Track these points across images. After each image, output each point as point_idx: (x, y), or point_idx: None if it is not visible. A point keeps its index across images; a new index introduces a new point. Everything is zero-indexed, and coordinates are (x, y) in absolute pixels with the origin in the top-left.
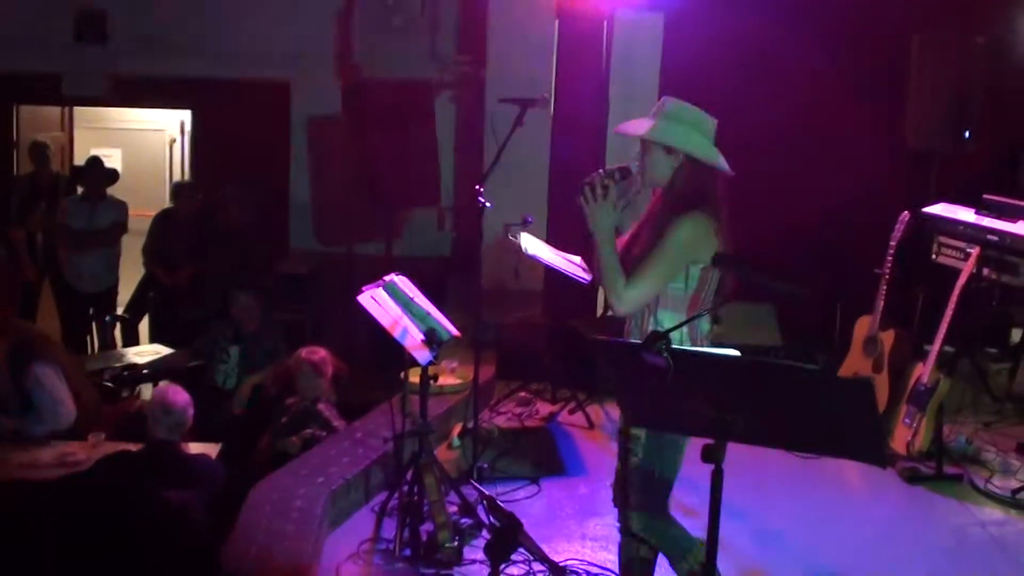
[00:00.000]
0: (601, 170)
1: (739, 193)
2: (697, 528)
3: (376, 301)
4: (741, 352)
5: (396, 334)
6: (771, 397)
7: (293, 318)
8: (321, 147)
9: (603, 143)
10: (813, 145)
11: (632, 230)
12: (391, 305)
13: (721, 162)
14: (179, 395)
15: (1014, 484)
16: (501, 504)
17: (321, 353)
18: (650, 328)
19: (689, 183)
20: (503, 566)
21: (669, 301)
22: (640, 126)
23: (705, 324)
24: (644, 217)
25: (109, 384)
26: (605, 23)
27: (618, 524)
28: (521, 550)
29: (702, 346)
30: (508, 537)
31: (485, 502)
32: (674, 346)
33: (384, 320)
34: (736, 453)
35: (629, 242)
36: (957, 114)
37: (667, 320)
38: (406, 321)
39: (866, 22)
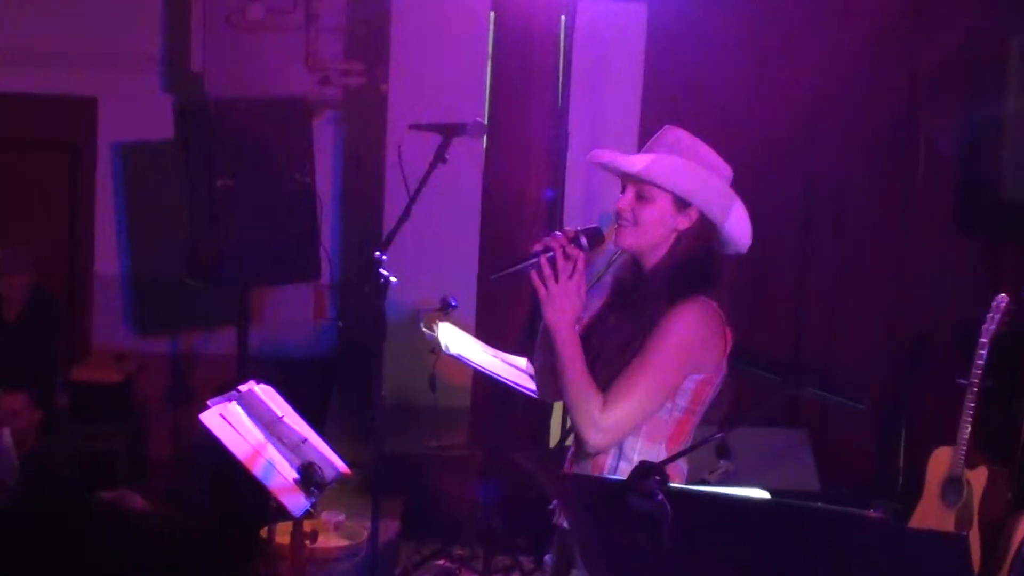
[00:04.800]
0: (561, 232)
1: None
2: None
3: (227, 421)
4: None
5: (257, 470)
6: (821, 559)
7: (99, 446)
8: (142, 192)
9: (560, 188)
10: (850, 194)
11: (594, 311)
12: (249, 428)
13: (745, 233)
14: None
15: None
16: None
17: (137, 501)
18: (612, 464)
19: (696, 254)
20: None
21: (643, 425)
22: (639, 161)
23: None
24: (611, 294)
25: None
26: (562, 17)
27: None
28: None
29: None
30: None
31: None
32: (674, 484)
33: (239, 449)
34: None
35: (590, 330)
36: None
37: (637, 453)
38: (271, 451)
39: (925, 18)
